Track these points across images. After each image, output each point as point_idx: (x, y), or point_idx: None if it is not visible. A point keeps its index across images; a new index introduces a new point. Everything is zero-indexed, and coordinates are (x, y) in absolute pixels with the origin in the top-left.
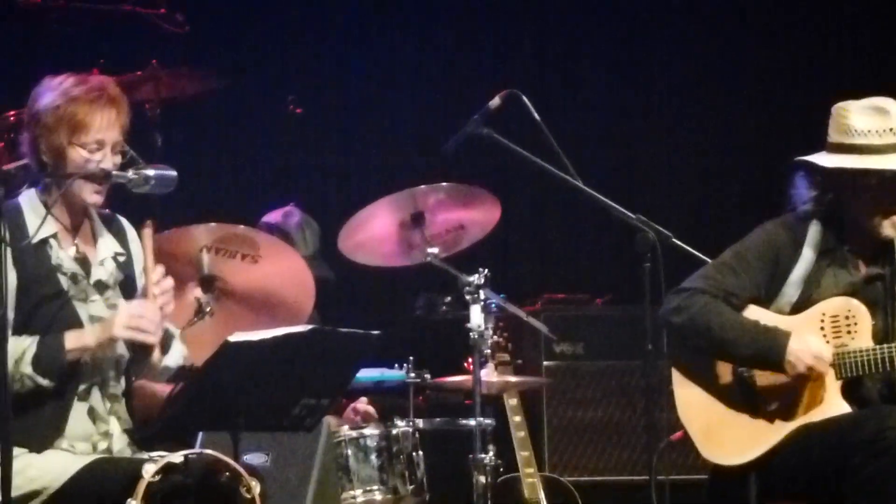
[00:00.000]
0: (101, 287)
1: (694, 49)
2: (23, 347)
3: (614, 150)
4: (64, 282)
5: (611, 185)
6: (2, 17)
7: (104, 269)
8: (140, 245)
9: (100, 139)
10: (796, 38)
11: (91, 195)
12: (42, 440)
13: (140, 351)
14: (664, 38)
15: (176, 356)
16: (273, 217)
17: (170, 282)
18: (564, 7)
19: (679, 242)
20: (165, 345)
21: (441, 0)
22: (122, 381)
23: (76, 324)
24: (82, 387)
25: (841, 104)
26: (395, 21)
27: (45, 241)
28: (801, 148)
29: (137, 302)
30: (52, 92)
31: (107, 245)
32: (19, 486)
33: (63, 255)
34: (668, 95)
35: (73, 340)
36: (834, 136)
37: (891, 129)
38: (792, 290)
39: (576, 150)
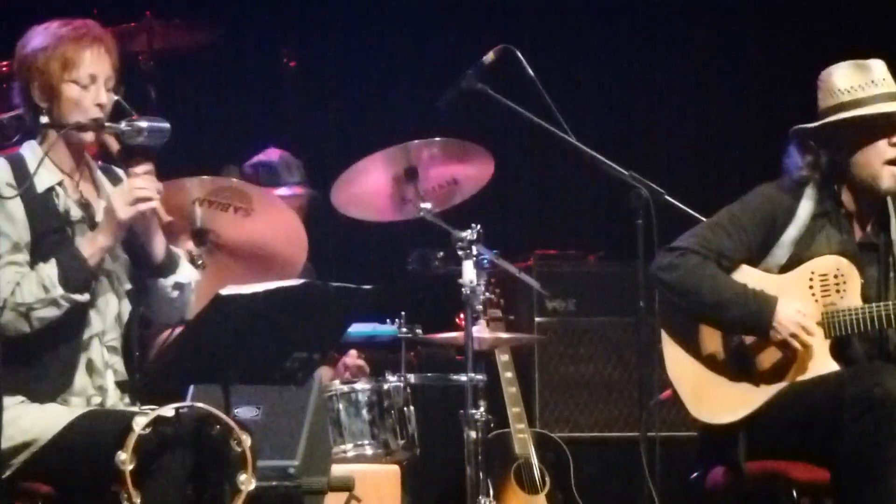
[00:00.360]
0: None
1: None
2: (45, 274)
3: (608, 106)
4: (71, 228)
5: (604, 142)
6: None
7: None
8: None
9: (92, 73)
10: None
11: (89, 138)
12: (45, 392)
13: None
14: None
15: (186, 273)
16: (258, 157)
17: (149, 165)
18: None
19: (672, 200)
20: (172, 262)
21: None
22: (122, 336)
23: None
24: (84, 338)
25: (825, 71)
26: None
27: (51, 190)
28: (798, 113)
29: (124, 183)
30: (40, 35)
31: (110, 188)
32: (11, 436)
33: (70, 202)
34: (665, 52)
35: (88, 247)
36: (822, 102)
37: (872, 81)
38: (782, 251)
39: (569, 107)
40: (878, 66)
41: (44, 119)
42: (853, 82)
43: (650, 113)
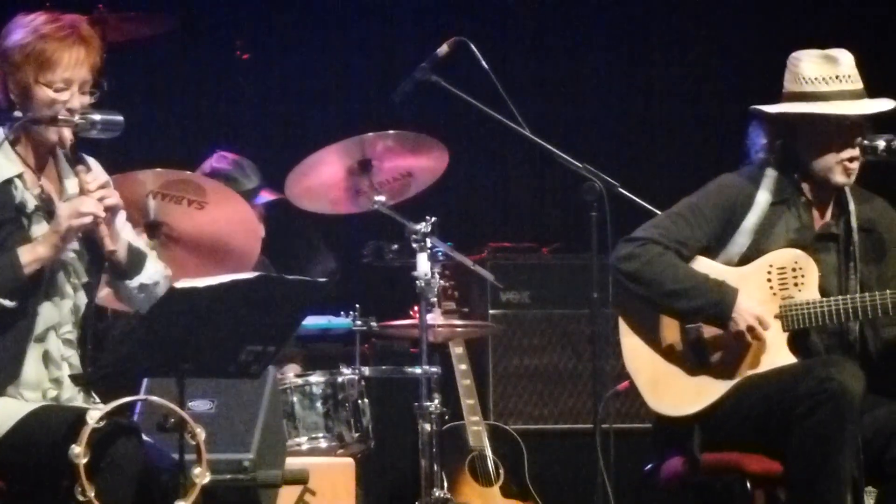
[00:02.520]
0: None
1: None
2: None
3: (561, 98)
4: (26, 221)
5: (558, 134)
6: None
7: None
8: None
9: (67, 78)
10: None
11: (54, 135)
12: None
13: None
14: None
15: (151, 273)
16: (206, 166)
17: (104, 176)
18: None
19: (625, 192)
20: (137, 264)
21: None
22: (78, 329)
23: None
24: (39, 329)
25: (795, 53)
26: None
27: (9, 181)
28: (761, 97)
29: (74, 197)
30: (23, 29)
31: (73, 184)
32: None
33: (28, 194)
34: (618, 45)
35: (27, 254)
36: (787, 85)
37: (837, 77)
38: (743, 238)
39: (523, 99)
40: (845, 60)
41: (16, 113)
42: (818, 73)
43: (603, 106)
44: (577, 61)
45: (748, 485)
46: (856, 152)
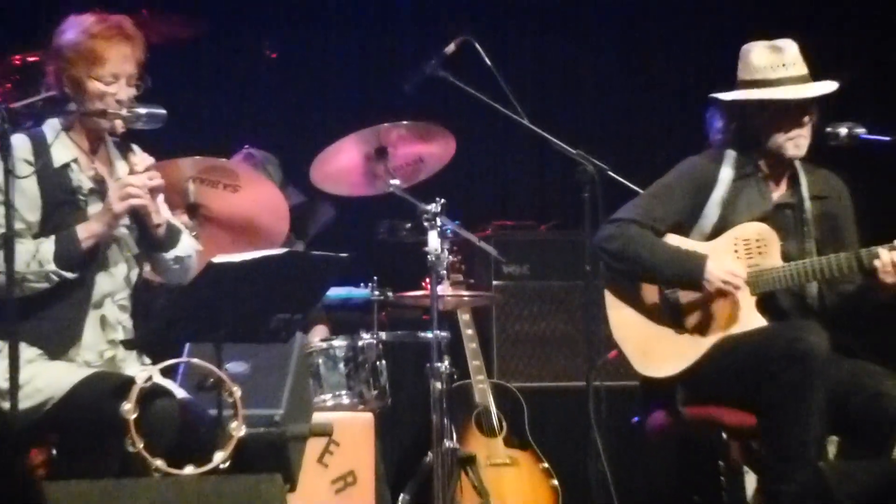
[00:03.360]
0: None
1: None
2: (43, 250)
3: (558, 89)
4: (82, 201)
5: (554, 123)
6: None
7: None
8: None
9: (115, 72)
10: None
11: (105, 124)
12: (59, 346)
13: (148, 234)
14: None
15: (185, 247)
16: (236, 160)
17: (149, 160)
18: None
19: (614, 175)
20: (173, 239)
21: None
22: (131, 296)
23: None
24: (97, 297)
25: (745, 45)
26: None
27: (66, 165)
28: (723, 87)
29: (123, 178)
30: (75, 29)
31: (122, 167)
32: (28, 394)
33: (83, 177)
34: (608, 47)
35: (83, 230)
36: (740, 74)
37: (783, 65)
38: (712, 212)
39: (523, 91)
40: (790, 49)
41: (71, 106)
42: (766, 62)
43: (595, 97)
44: (573, 54)
45: (725, 436)
46: (803, 129)
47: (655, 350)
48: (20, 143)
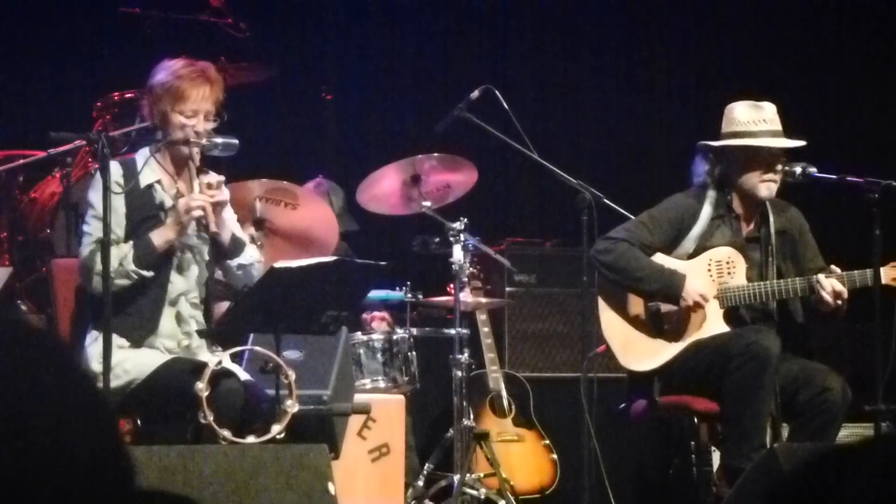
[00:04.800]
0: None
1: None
2: (124, 252)
3: (563, 129)
4: (163, 215)
5: (559, 156)
6: (108, 22)
7: None
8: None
9: (195, 109)
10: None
11: (186, 151)
12: (140, 335)
13: (217, 244)
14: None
15: (248, 257)
16: (308, 186)
17: (220, 178)
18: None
19: (609, 202)
20: (237, 248)
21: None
22: (203, 294)
23: (173, 247)
24: (173, 295)
25: (730, 104)
26: (397, 22)
27: (151, 186)
28: (703, 136)
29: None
30: (165, 71)
31: (198, 187)
32: (118, 375)
33: (165, 196)
34: (603, 88)
35: (158, 236)
36: (724, 127)
37: (763, 120)
38: (690, 243)
39: (533, 128)
40: (769, 108)
41: (158, 135)
42: (748, 117)
43: (595, 135)
44: (576, 87)
45: (695, 420)
46: (775, 175)
47: (637, 347)
48: (114, 169)
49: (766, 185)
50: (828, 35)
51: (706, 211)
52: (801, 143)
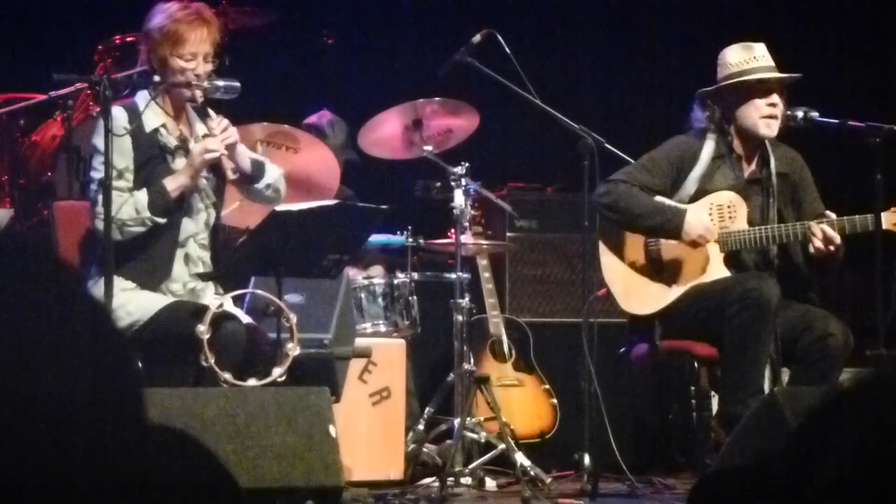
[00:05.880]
0: None
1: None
2: (140, 199)
3: (565, 74)
4: (170, 158)
5: (561, 101)
6: None
7: None
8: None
9: (193, 51)
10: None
11: (188, 94)
12: (153, 280)
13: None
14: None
15: (272, 173)
16: (311, 119)
17: (226, 121)
18: None
19: (610, 146)
20: (260, 170)
21: None
22: (210, 236)
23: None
24: (182, 237)
25: (722, 51)
26: None
27: (156, 130)
28: (703, 82)
29: (204, 138)
30: (161, 14)
31: (201, 128)
32: (120, 317)
33: (170, 138)
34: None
35: (171, 182)
36: (719, 72)
37: (754, 57)
38: (691, 185)
39: (535, 73)
40: (759, 47)
41: (156, 78)
42: (740, 58)
43: (597, 80)
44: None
45: (695, 365)
46: (774, 110)
47: (637, 292)
48: (118, 114)
49: (765, 122)
50: None
51: (707, 151)
52: (796, 75)
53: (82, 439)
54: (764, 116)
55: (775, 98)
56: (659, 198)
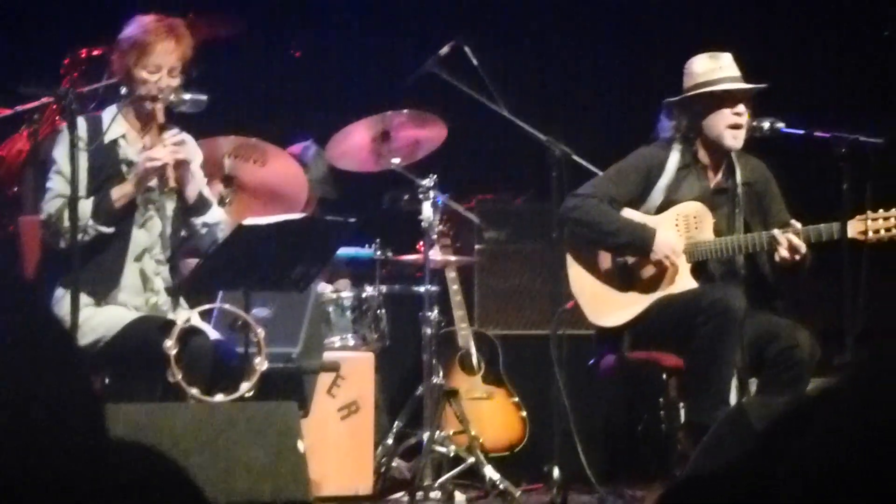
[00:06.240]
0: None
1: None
2: (85, 208)
3: (532, 85)
4: (125, 169)
5: (529, 112)
6: None
7: None
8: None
9: (158, 63)
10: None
11: (150, 107)
12: (103, 290)
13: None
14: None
15: (214, 216)
16: (295, 148)
17: (182, 137)
18: None
19: (578, 158)
20: (203, 207)
21: None
22: (168, 251)
23: (133, 201)
24: (136, 252)
25: (688, 61)
26: None
27: (115, 142)
28: (668, 92)
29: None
30: (135, 25)
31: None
32: (85, 333)
33: (130, 150)
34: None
35: (116, 191)
36: (686, 82)
37: (720, 67)
38: (657, 195)
39: (503, 86)
40: (725, 57)
41: (123, 90)
42: (706, 68)
43: (564, 91)
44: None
45: (664, 376)
46: (740, 120)
47: (606, 303)
48: (79, 125)
49: (731, 134)
50: None
51: (673, 161)
52: (761, 85)
53: (45, 456)
54: (730, 126)
55: (741, 108)
56: (627, 211)
